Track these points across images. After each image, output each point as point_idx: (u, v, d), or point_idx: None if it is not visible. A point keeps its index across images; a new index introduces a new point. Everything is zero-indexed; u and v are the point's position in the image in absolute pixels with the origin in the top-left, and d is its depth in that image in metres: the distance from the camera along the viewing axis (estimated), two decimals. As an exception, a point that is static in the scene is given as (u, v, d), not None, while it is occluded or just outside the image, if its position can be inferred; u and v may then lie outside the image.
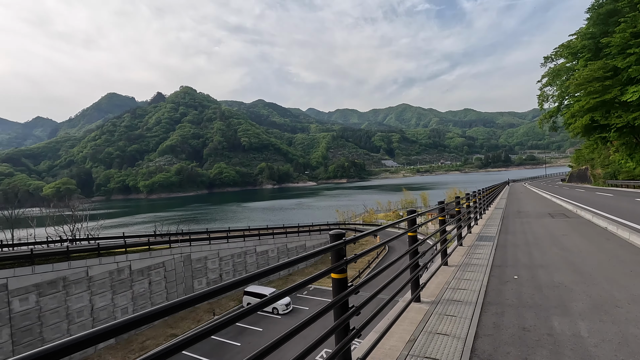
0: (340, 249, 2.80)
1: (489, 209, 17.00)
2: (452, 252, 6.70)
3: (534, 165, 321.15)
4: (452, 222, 7.14)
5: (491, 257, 6.72)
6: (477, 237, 8.81)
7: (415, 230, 4.34)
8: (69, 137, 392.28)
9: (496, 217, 13.53)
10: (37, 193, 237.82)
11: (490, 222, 11.85)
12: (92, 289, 23.36)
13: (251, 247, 35.17)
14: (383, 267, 3.42)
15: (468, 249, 7.41)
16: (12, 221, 52.57)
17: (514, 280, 5.24)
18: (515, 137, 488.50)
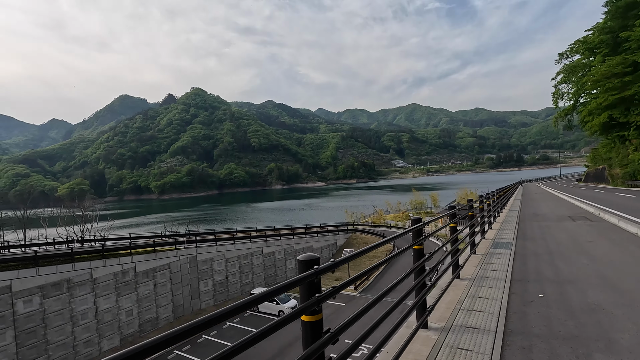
0: (311, 282, 1.98)
1: (502, 211, 16.11)
2: (465, 262, 5.92)
3: (547, 165, 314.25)
4: (464, 228, 6.36)
5: (509, 268, 5.94)
6: (492, 244, 8.04)
7: (422, 243, 3.67)
8: (83, 139, 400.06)
9: (511, 220, 12.68)
10: (52, 193, 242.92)
11: (505, 226, 11.04)
12: (97, 290, 23.17)
13: (258, 249, 34.71)
14: (369, 304, 2.54)
15: (482, 258, 6.65)
16: (25, 221, 53.18)
17: (540, 299, 4.47)
18: (527, 137, 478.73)
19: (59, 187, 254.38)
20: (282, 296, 28.85)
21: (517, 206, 19.09)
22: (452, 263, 4.64)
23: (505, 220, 12.72)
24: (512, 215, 14.34)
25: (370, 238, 45.48)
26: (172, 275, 28.08)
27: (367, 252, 2.54)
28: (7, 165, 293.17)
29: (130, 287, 25.16)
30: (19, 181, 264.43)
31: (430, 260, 3.85)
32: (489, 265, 5.97)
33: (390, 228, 52.44)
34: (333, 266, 2.16)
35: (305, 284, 1.98)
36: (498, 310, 3.98)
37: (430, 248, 42.81)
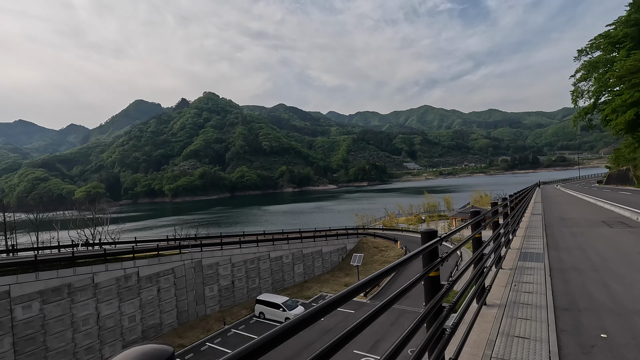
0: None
1: (524, 215, 14.76)
2: (492, 282, 4.70)
3: (564, 167, 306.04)
4: (489, 240, 5.19)
5: (548, 291, 4.68)
6: (520, 255, 6.81)
7: (437, 268, 2.61)
8: (99, 143, 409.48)
9: (536, 225, 11.38)
10: (69, 197, 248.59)
11: (531, 233, 9.77)
12: (98, 296, 22.59)
13: (265, 253, 33.81)
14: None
15: (511, 275, 5.45)
16: (37, 224, 53.74)
17: (604, 342, 3.25)
18: (543, 138, 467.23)
19: (76, 190, 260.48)
20: (289, 302, 27.86)
21: (539, 209, 17.64)
22: (477, 289, 3.50)
23: (529, 225, 11.41)
24: (535, 219, 13.00)
25: (381, 242, 44.10)
26: (176, 280, 27.40)
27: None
28: (27, 169, 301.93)
29: (133, 292, 24.54)
30: (38, 185, 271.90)
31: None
32: (521, 285, 4.71)
33: (402, 232, 50.93)
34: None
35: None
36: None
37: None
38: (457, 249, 2.99)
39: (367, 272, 37.59)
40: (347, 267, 39.60)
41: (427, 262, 2.58)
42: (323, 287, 34.85)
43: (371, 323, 1.28)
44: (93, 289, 22.36)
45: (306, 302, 31.24)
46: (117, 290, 23.52)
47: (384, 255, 40.59)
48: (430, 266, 2.49)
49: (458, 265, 34.21)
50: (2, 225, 47.52)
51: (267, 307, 27.83)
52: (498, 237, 5.11)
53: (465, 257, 37.54)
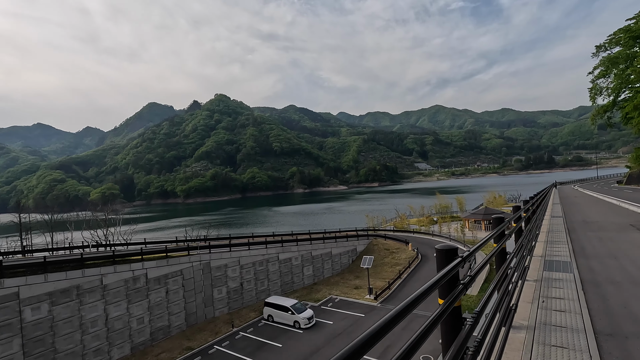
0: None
1: (544, 218, 13.96)
2: (518, 300, 4.03)
3: (581, 167, 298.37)
4: (514, 252, 4.48)
5: (584, 309, 3.99)
6: (544, 264, 6.13)
7: (459, 302, 2.04)
8: (114, 145, 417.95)
9: (558, 229, 10.64)
10: (85, 198, 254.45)
11: (553, 238, 9.06)
12: (107, 297, 22.55)
13: (274, 255, 33.46)
14: None
15: (537, 288, 4.84)
16: (52, 225, 54.57)
17: None
18: (559, 137, 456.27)
19: (92, 191, 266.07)
20: (298, 305, 27.40)
21: (559, 211, 16.76)
22: (502, 310, 2.89)
23: (550, 229, 10.67)
24: (556, 223, 12.22)
25: (392, 244, 43.31)
26: (184, 282, 27.25)
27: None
28: (45, 171, 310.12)
29: (142, 294, 24.45)
30: (55, 186, 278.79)
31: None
32: (551, 301, 4.05)
33: (414, 233, 49.98)
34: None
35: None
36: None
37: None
38: (479, 270, 2.40)
39: (377, 275, 36.89)
40: (357, 270, 38.95)
41: (445, 292, 2.01)
42: (332, 289, 34.30)
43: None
44: (101, 290, 22.33)
45: (315, 305, 30.76)
46: (125, 292, 23.46)
47: (395, 258, 39.81)
48: (450, 298, 1.88)
49: (472, 267, 33.14)
50: (18, 226, 48.47)
51: (276, 310, 27.43)
52: (522, 246, 4.49)
53: (478, 258, 36.49)
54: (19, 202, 69.85)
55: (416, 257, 39.17)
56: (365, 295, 31.80)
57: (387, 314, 1.08)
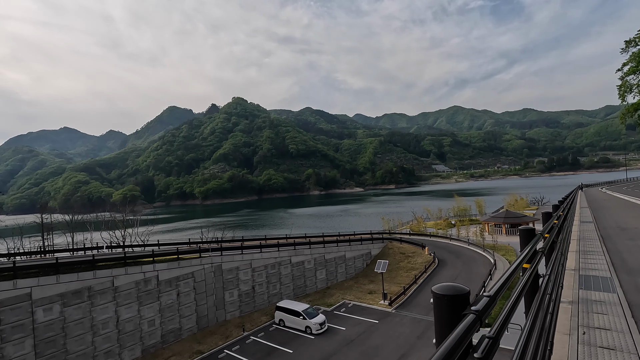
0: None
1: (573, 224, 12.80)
2: (553, 331, 3.03)
3: (608, 169, 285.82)
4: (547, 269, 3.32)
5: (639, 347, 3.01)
6: (579, 280, 5.14)
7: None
8: (135, 148, 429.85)
9: (590, 237, 9.56)
10: (107, 199, 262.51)
11: (586, 247, 8.02)
12: (118, 299, 22.54)
13: (286, 258, 32.95)
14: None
15: (574, 313, 3.92)
16: (73, 226, 56.03)
17: None
18: (584, 138, 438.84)
19: (114, 193, 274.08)
20: (310, 310, 26.76)
21: (589, 216, 15.47)
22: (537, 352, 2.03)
23: (581, 236, 9.60)
24: (587, 229, 11.09)
25: (407, 248, 42.10)
26: (196, 284, 27.06)
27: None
28: (71, 173, 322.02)
29: (153, 296, 24.36)
30: (80, 187, 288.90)
31: None
32: (594, 333, 3.20)
33: (430, 237, 48.51)
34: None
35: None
36: None
37: (469, 259, 38.28)
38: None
39: (392, 280, 35.82)
40: (371, 274, 37.97)
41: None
42: (346, 294, 33.48)
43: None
44: (113, 292, 22.33)
45: (328, 310, 30.02)
46: (136, 294, 23.41)
47: (411, 262, 38.62)
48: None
49: (492, 274, 31.71)
50: (41, 226, 49.95)
51: (287, 315, 26.87)
52: (555, 262, 3.63)
53: (499, 264, 34.88)
54: (45, 203, 72.27)
55: (433, 262, 37.86)
56: (379, 300, 30.85)
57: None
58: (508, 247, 41.78)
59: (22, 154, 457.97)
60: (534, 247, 2.54)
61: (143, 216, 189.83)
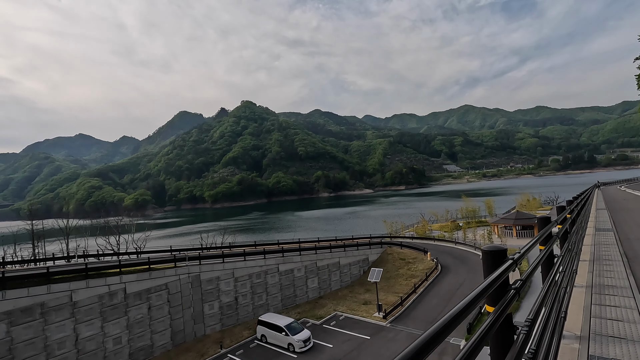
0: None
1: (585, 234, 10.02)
2: None
3: (626, 166, 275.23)
4: None
5: None
6: (593, 311, 2.84)
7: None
8: (147, 153, 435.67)
9: (608, 254, 6.85)
10: (120, 203, 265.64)
11: (603, 276, 5.36)
12: (77, 316, 20.50)
13: (273, 266, 30.56)
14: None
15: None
16: (68, 232, 54.75)
17: None
18: (600, 135, 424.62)
19: (126, 197, 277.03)
20: (294, 325, 24.29)
21: (607, 221, 12.64)
22: None
23: (596, 254, 6.87)
24: (605, 242, 8.32)
25: (408, 253, 39.18)
26: (170, 296, 24.90)
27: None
28: (85, 178, 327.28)
29: (119, 311, 22.27)
30: (93, 193, 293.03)
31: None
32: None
33: (435, 241, 45.41)
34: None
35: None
36: None
37: (475, 265, 34.97)
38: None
39: (390, 288, 33.05)
40: (368, 282, 35.21)
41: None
42: (339, 304, 30.86)
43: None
44: (71, 308, 20.31)
45: (317, 323, 27.49)
46: (99, 309, 21.35)
47: (411, 269, 35.73)
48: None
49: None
50: (31, 233, 48.81)
51: (269, 330, 24.46)
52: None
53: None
54: (32, 208, 71.70)
55: (435, 268, 34.91)
56: (373, 312, 28.17)
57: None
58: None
59: (39, 160, 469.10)
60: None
61: (153, 220, 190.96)
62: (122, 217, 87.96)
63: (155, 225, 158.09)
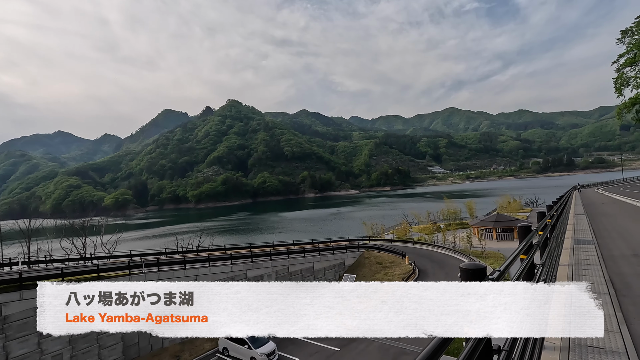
0: None
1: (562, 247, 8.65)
2: None
3: (603, 169, 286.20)
4: None
5: None
6: None
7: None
8: (129, 152, 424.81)
9: (590, 274, 5.46)
10: (99, 203, 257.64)
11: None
12: (8, 332, 18.24)
13: (241, 272, 28.71)
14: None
15: None
16: (29, 233, 51.29)
17: None
18: (579, 139, 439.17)
19: (106, 197, 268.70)
20: (258, 336, 22.52)
21: (586, 229, 11.42)
22: None
23: (573, 274, 5.50)
24: (584, 256, 6.93)
25: (386, 257, 37.91)
26: (123, 307, 22.74)
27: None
28: (63, 177, 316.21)
29: (61, 324, 20.03)
30: (71, 192, 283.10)
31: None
32: None
33: (414, 244, 44.35)
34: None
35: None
36: None
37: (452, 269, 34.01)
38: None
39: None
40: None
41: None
42: (311, 312, 29.22)
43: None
44: (1, 323, 18.03)
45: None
46: (35, 324, 19.07)
47: (388, 273, 34.42)
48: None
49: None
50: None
51: (231, 342, 22.64)
52: None
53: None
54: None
55: (412, 272, 33.72)
56: (346, 321, 26.60)
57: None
58: (498, 255, 37.77)
59: (15, 158, 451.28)
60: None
61: (134, 220, 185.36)
62: (102, 217, 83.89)
63: (136, 225, 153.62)
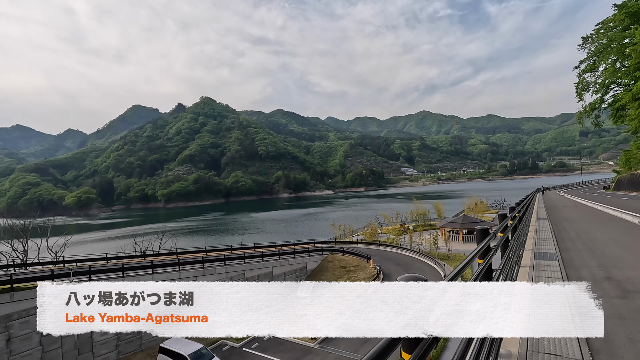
0: None
1: (523, 252, 7.25)
2: None
3: (564, 172, 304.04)
4: None
5: None
6: None
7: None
8: (95, 148, 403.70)
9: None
10: (60, 202, 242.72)
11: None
12: None
13: (190, 279, 26.23)
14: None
15: None
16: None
17: None
18: (542, 143, 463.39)
19: (67, 195, 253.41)
20: (203, 351, 20.30)
21: (549, 238, 10.23)
22: None
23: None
24: (545, 273, 5.52)
25: (350, 260, 36.44)
26: (43, 322, 19.80)
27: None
28: (19, 174, 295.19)
29: (-41, 346, 17.00)
30: (29, 190, 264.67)
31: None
32: None
33: (380, 246, 43.24)
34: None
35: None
36: None
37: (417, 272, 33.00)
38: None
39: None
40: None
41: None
42: (268, 321, 27.19)
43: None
44: None
45: (236, 346, 23.58)
46: None
47: (352, 278, 32.94)
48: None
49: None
50: None
51: (170, 359, 20.25)
52: None
53: (448, 271, 30.00)
54: None
55: (377, 276, 32.40)
56: (303, 331, 24.80)
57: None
58: (463, 257, 37.21)
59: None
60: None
61: (98, 220, 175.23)
62: (62, 216, 77.42)
63: (100, 225, 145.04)
